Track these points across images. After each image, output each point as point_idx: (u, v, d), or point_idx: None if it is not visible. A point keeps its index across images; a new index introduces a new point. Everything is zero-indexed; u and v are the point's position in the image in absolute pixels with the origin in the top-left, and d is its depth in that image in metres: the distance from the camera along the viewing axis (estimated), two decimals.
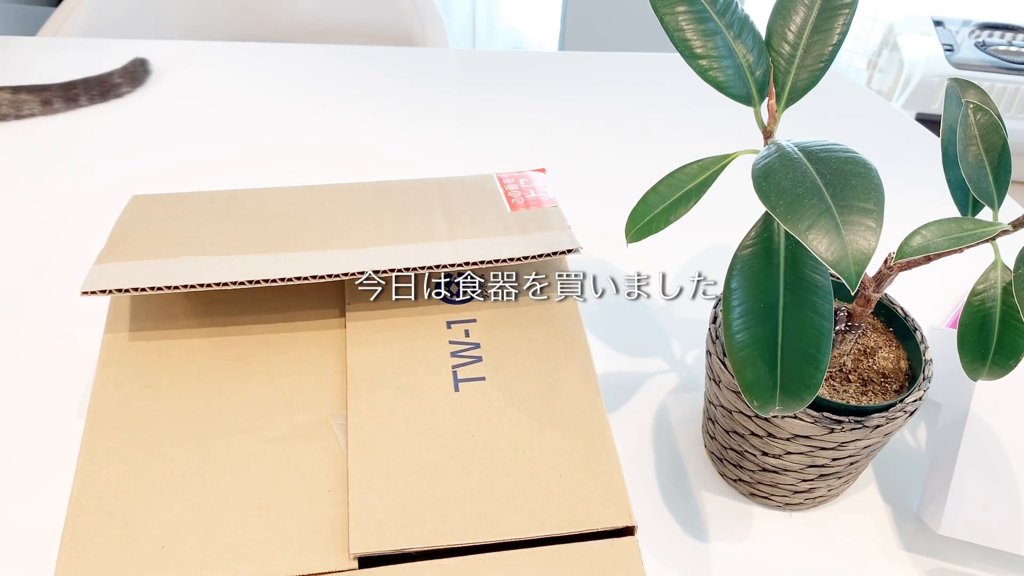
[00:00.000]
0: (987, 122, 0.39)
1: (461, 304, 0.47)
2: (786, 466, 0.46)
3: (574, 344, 0.45)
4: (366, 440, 0.40)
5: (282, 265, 0.44)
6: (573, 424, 0.41)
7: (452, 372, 0.43)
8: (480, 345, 0.45)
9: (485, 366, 0.44)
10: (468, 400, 0.42)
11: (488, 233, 0.48)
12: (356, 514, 0.37)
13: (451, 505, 0.37)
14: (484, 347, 0.45)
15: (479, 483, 0.38)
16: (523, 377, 0.43)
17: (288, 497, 0.38)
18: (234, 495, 0.38)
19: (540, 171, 0.55)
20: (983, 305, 0.40)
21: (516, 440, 0.40)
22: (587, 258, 0.71)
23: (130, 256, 0.45)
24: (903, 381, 0.46)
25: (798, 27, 0.40)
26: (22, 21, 1.60)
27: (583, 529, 0.37)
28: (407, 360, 0.44)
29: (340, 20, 1.29)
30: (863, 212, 0.31)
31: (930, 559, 0.48)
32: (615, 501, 0.38)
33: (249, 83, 0.97)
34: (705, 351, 0.49)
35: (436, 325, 0.46)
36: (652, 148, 0.89)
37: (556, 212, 0.50)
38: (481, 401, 0.42)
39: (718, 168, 0.39)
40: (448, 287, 0.48)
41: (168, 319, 0.46)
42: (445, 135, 0.89)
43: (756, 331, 0.38)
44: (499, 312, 0.47)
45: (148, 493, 0.38)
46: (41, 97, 0.87)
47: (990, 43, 2.06)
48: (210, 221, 0.49)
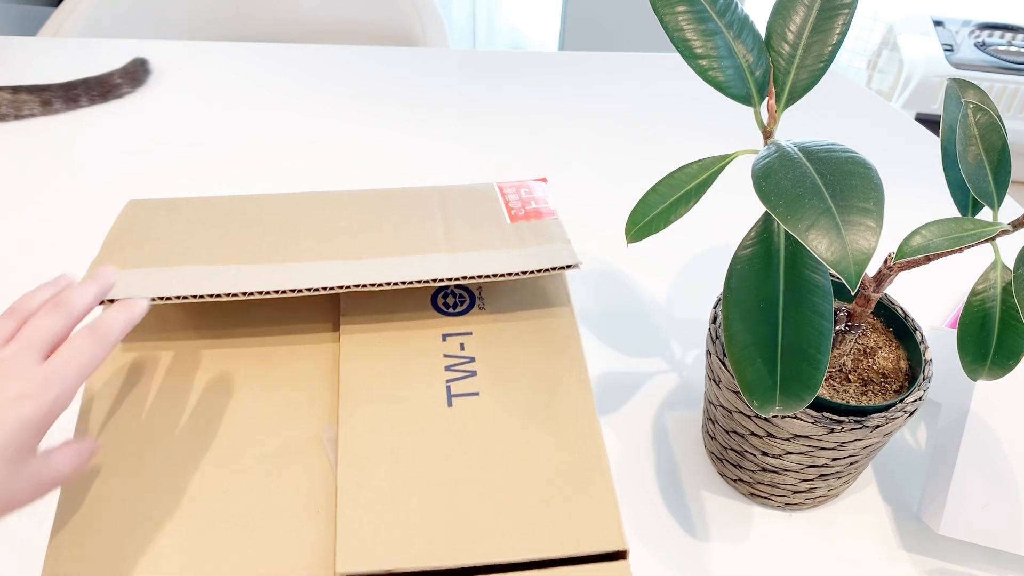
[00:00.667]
0: (987, 122, 0.39)
1: (457, 316, 0.46)
2: (786, 466, 0.46)
3: (571, 360, 0.44)
4: (356, 457, 0.39)
5: (279, 276, 0.43)
6: (568, 443, 0.40)
7: (446, 387, 0.42)
8: (475, 359, 0.44)
9: (480, 381, 0.43)
10: (461, 416, 0.41)
11: (487, 245, 0.47)
12: (343, 533, 0.36)
13: (441, 525, 0.36)
14: (479, 361, 0.44)
15: (470, 503, 0.37)
16: (518, 393, 0.42)
17: (276, 515, 0.38)
18: (221, 513, 0.38)
19: (542, 180, 0.55)
20: (983, 305, 0.40)
21: (509, 459, 0.39)
22: (587, 258, 0.71)
23: (124, 264, 0.44)
24: (903, 381, 0.46)
25: (798, 27, 0.40)
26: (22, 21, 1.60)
27: (575, 553, 0.36)
28: (401, 374, 0.43)
29: (340, 20, 1.29)
30: (863, 212, 0.31)
31: (930, 559, 0.48)
32: (608, 525, 0.37)
33: (249, 83, 0.97)
34: (705, 351, 0.49)
35: (431, 338, 0.45)
36: (652, 148, 0.89)
37: (556, 224, 0.49)
38: (474, 417, 0.41)
39: (718, 168, 0.39)
40: (445, 298, 0.47)
41: (159, 331, 0.46)
42: (445, 135, 0.89)
43: (756, 331, 0.38)
44: (496, 325, 0.46)
45: (134, 509, 0.37)
46: (41, 97, 0.87)
47: (990, 43, 2.06)
48: (206, 229, 0.48)
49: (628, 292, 0.68)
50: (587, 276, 0.69)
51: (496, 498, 0.38)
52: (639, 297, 0.67)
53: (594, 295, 0.67)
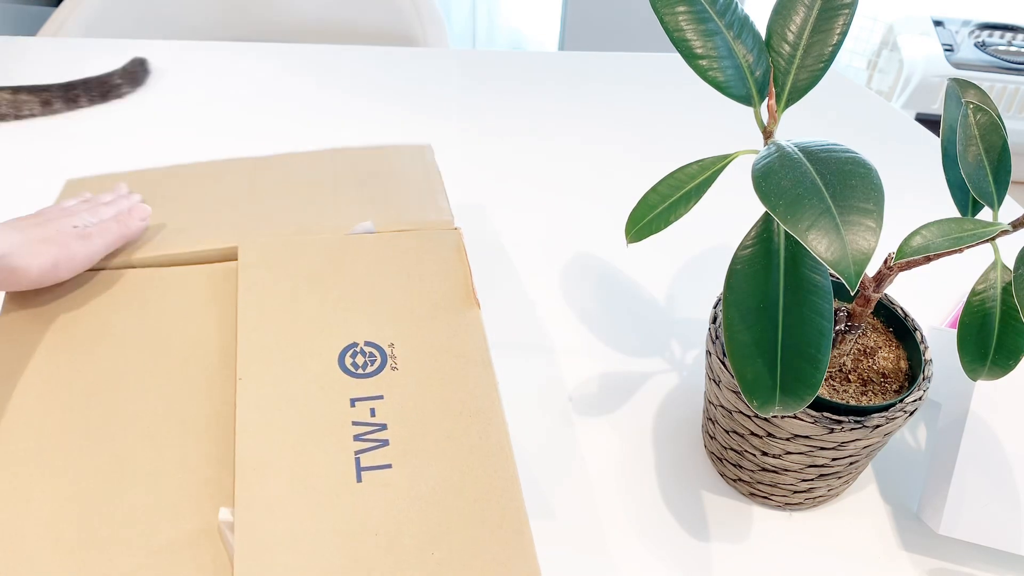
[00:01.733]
0: (987, 122, 0.39)
1: (367, 378, 0.42)
2: (786, 466, 0.46)
3: (489, 422, 0.41)
4: (254, 542, 0.35)
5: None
6: (488, 519, 0.37)
7: (355, 459, 0.38)
8: (387, 427, 0.40)
9: (392, 451, 0.39)
10: (371, 492, 0.37)
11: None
12: None
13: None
14: (391, 428, 0.40)
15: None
16: (434, 464, 0.38)
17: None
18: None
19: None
20: (983, 305, 0.40)
21: (424, 540, 0.36)
22: (588, 258, 0.71)
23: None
24: (903, 381, 0.46)
25: (798, 27, 0.40)
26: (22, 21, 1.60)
27: None
28: (304, 444, 0.39)
29: (340, 20, 1.29)
30: (863, 212, 0.31)
31: (930, 559, 0.48)
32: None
33: (249, 83, 0.97)
34: (705, 351, 0.49)
35: (338, 403, 0.40)
36: (652, 148, 0.89)
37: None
38: (386, 493, 0.37)
39: (718, 168, 0.39)
40: (353, 357, 0.43)
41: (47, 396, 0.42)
42: (445, 135, 0.89)
43: (756, 331, 0.38)
44: (408, 387, 0.42)
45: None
46: (41, 97, 0.87)
47: (990, 43, 2.06)
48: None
49: (628, 292, 0.68)
50: (587, 276, 0.69)
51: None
52: (639, 297, 0.67)
53: (594, 295, 0.67)
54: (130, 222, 0.49)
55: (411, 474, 0.38)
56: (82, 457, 0.39)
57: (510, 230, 0.74)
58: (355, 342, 0.43)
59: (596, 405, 0.57)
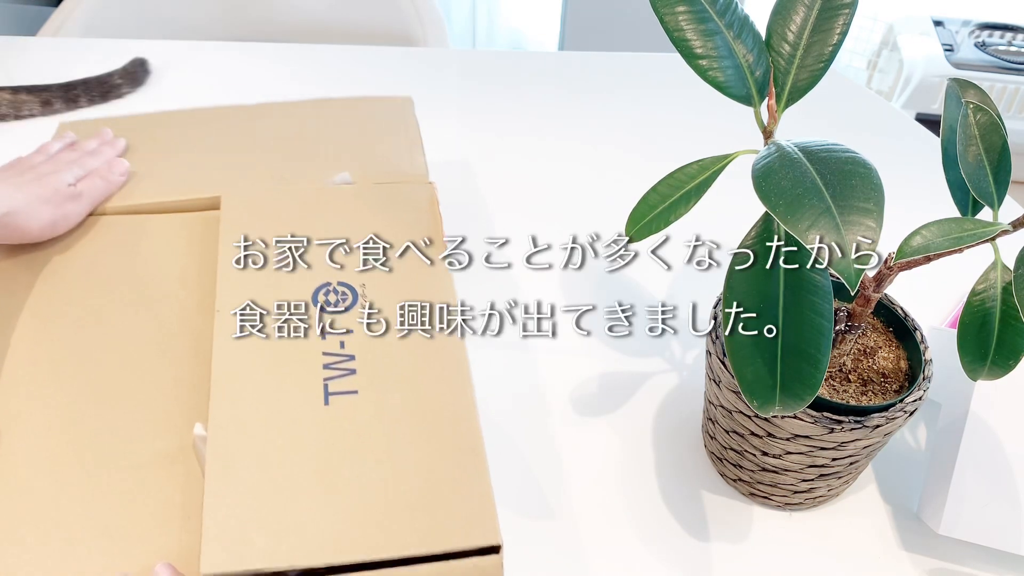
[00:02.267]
0: (987, 122, 0.39)
1: (338, 313, 0.45)
2: (786, 466, 0.46)
3: (450, 354, 0.43)
4: (225, 457, 0.38)
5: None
6: (445, 440, 0.39)
7: (323, 384, 0.41)
8: (355, 357, 0.42)
9: (359, 379, 0.41)
10: (337, 414, 0.40)
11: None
12: (209, 532, 0.35)
13: (311, 523, 0.35)
14: (359, 359, 0.42)
15: (341, 500, 0.36)
16: (397, 391, 0.41)
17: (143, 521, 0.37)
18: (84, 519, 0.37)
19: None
20: (983, 305, 0.40)
21: (382, 455, 0.38)
22: (587, 258, 0.71)
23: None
24: (903, 381, 0.46)
25: (798, 27, 0.40)
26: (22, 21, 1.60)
27: (447, 549, 0.35)
28: (275, 370, 0.41)
29: (340, 20, 1.29)
30: (863, 212, 0.31)
31: (930, 559, 0.48)
32: (483, 520, 0.36)
33: (249, 83, 0.97)
34: (705, 351, 0.49)
35: (310, 334, 0.43)
36: (652, 148, 0.89)
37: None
38: (351, 415, 0.40)
39: (718, 168, 0.40)
40: (327, 295, 0.45)
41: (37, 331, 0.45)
42: (445, 135, 0.89)
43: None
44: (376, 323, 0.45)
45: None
46: (41, 97, 0.87)
47: (990, 43, 2.06)
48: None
49: (628, 292, 0.68)
50: (587, 276, 0.69)
51: (369, 496, 0.37)
52: (639, 297, 0.67)
53: (594, 295, 0.67)
54: (111, 177, 0.54)
55: (375, 399, 0.41)
56: (68, 383, 0.43)
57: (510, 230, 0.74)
58: (328, 282, 0.46)
59: (596, 405, 0.57)
